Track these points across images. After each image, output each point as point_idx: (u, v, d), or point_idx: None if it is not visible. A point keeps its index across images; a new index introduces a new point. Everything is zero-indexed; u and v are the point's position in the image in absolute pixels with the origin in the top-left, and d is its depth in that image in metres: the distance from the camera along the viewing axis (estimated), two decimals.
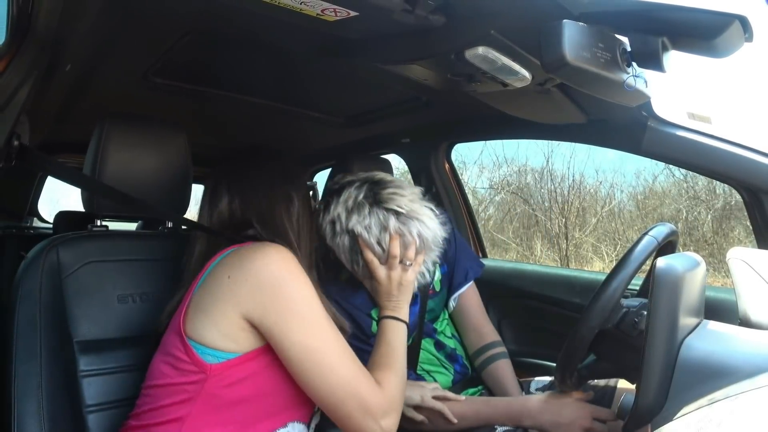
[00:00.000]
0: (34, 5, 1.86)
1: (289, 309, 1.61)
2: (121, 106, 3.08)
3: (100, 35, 2.13)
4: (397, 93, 2.92)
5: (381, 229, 2.07)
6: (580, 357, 1.76)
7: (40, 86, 2.14)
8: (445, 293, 2.69)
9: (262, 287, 1.61)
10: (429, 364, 2.55)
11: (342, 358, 1.65)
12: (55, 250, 1.92)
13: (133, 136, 2.06)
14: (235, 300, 1.62)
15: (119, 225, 2.44)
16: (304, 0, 1.60)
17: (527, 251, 12.60)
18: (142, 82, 2.73)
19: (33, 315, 1.81)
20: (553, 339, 3.13)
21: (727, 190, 10.30)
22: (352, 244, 2.15)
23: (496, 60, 1.82)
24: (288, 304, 1.61)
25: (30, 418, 1.70)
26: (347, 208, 2.14)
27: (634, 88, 1.67)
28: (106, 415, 1.84)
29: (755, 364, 1.37)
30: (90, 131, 2.05)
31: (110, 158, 1.99)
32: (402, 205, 2.11)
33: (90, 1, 1.76)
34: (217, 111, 3.41)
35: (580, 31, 1.51)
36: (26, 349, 1.77)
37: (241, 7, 1.69)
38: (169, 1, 1.85)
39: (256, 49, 2.35)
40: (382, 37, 1.92)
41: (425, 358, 2.54)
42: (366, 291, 2.38)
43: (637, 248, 1.75)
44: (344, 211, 2.14)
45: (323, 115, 3.43)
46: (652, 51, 1.55)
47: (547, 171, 12.94)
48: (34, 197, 6.46)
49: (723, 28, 1.43)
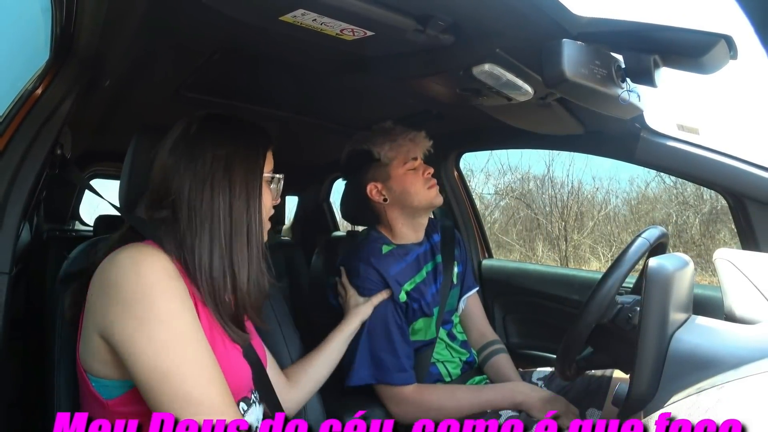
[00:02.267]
0: (75, 26, 1.88)
1: (140, 326, 1.28)
2: (155, 119, 3.07)
3: (136, 53, 2.14)
4: (410, 106, 2.92)
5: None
6: (579, 349, 1.76)
7: (81, 100, 2.15)
8: (458, 290, 2.73)
9: (113, 301, 1.31)
10: (442, 354, 2.57)
11: (212, 386, 1.32)
12: (95, 250, 1.92)
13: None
14: (92, 318, 1.36)
15: None
16: (324, 21, 1.60)
17: (530, 252, 12.57)
18: (174, 97, 2.75)
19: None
20: (553, 333, 3.17)
21: (714, 195, 10.27)
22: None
23: (501, 76, 1.82)
24: (140, 321, 1.28)
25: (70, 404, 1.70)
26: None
27: (628, 101, 1.68)
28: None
29: (739, 356, 1.37)
30: (127, 142, 2.04)
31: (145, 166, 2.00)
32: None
33: (127, 22, 1.76)
34: None
35: (579, 49, 1.52)
36: (67, 340, 1.77)
37: (265, 27, 1.70)
38: (199, 23, 1.85)
39: (280, 66, 2.35)
40: (396, 55, 1.92)
41: (439, 347, 2.56)
42: (405, 263, 2.49)
43: (631, 249, 1.75)
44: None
45: (342, 126, 3.42)
46: (644, 68, 1.55)
47: (548, 178, 12.94)
48: (76, 202, 6.46)
49: (710, 46, 1.44)
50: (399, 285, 2.43)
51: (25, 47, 2.42)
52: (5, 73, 2.42)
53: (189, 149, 1.54)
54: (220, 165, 1.53)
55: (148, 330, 1.27)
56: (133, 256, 1.36)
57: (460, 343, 2.66)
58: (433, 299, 2.51)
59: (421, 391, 2.34)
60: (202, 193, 1.49)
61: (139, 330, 1.27)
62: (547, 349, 3.28)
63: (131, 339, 1.27)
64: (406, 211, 2.57)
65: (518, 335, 3.48)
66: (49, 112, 1.91)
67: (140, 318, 1.28)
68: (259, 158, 1.64)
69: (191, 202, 1.49)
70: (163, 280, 1.34)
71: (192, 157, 1.52)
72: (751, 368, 1.18)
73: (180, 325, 1.32)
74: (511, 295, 3.49)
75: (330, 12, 1.54)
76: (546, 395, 2.24)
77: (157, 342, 1.27)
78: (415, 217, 2.60)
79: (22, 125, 1.85)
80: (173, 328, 1.30)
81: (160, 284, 1.33)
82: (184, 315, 1.35)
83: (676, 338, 1.51)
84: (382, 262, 2.45)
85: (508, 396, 2.27)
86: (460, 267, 2.75)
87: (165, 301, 1.32)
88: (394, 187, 2.52)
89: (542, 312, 3.33)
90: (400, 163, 2.52)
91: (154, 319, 1.28)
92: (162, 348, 1.27)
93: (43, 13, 1.98)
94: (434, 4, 1.55)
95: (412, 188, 2.50)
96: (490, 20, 1.60)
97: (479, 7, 1.53)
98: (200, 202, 1.49)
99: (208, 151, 1.53)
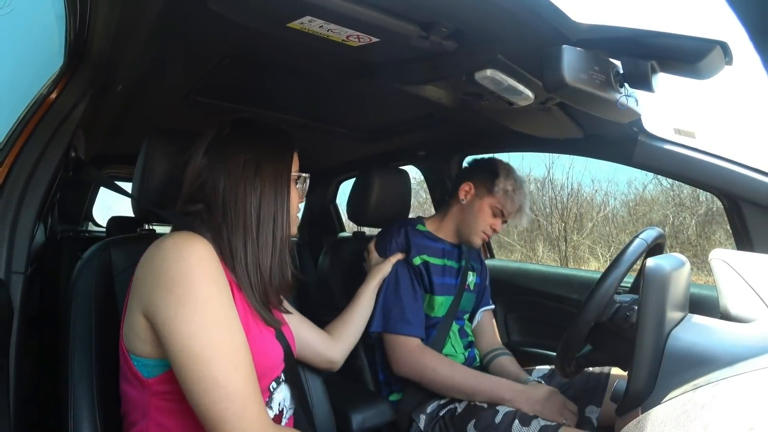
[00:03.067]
0: (88, 32, 1.89)
1: (179, 307, 1.33)
2: (166, 123, 3.10)
3: (147, 59, 2.14)
4: (414, 110, 2.94)
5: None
6: (578, 347, 1.76)
7: (94, 104, 2.16)
8: (473, 299, 2.87)
9: (158, 282, 1.36)
10: (449, 348, 2.63)
11: (238, 372, 1.35)
12: (108, 251, 1.92)
13: (177, 149, 2.06)
14: (138, 298, 1.41)
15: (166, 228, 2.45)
16: (331, 28, 1.61)
17: (530, 252, 12.54)
18: (184, 101, 2.75)
19: (87, 308, 1.81)
20: (553, 331, 3.19)
21: (710, 197, 10.24)
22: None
23: (502, 81, 1.83)
24: (180, 302, 1.33)
25: (84, 400, 1.70)
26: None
27: (626, 106, 1.68)
28: None
29: (735, 354, 1.37)
30: (139, 145, 2.05)
31: (157, 168, 1.99)
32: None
33: (138, 29, 1.77)
34: None
35: (578, 55, 1.52)
36: (81, 338, 1.76)
37: (273, 33, 1.70)
38: (209, 29, 1.86)
39: (287, 71, 2.36)
40: (401, 61, 1.92)
41: (448, 341, 2.63)
42: (431, 244, 2.75)
43: (629, 250, 1.75)
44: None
45: (348, 130, 3.44)
46: (642, 73, 1.55)
47: (548, 180, 12.91)
48: (89, 204, 6.51)
49: (706, 52, 1.44)
50: (417, 252, 2.66)
51: (39, 53, 2.43)
52: (21, 77, 2.42)
53: (222, 151, 1.63)
54: (251, 166, 1.61)
55: (185, 312, 1.32)
56: (176, 241, 1.41)
57: (467, 343, 2.74)
58: (443, 288, 2.66)
59: (423, 350, 2.45)
60: (235, 190, 1.58)
61: (178, 311, 1.33)
62: (547, 347, 3.30)
63: (170, 319, 1.33)
64: (459, 222, 2.80)
65: (519, 333, 3.49)
66: (63, 116, 1.92)
67: (180, 299, 1.33)
68: (286, 159, 1.73)
69: (225, 198, 1.58)
70: (203, 264, 1.39)
71: (225, 158, 1.61)
72: (746, 365, 1.18)
73: (215, 308, 1.37)
74: (512, 295, 3.50)
75: (336, 19, 1.55)
76: (539, 396, 2.24)
77: (191, 324, 1.32)
78: (457, 232, 2.81)
79: (36, 128, 1.87)
80: (208, 311, 1.35)
81: (200, 267, 1.38)
82: (221, 298, 1.40)
83: (673, 336, 1.51)
84: (413, 233, 2.74)
85: (497, 391, 2.30)
86: (478, 279, 2.89)
87: (203, 285, 1.37)
88: (474, 206, 2.74)
89: (543, 311, 3.34)
90: (494, 205, 2.72)
91: (192, 301, 1.33)
92: (195, 331, 1.32)
93: (57, 20, 1.98)
94: (438, 12, 1.55)
95: (475, 223, 2.73)
96: (492, 27, 1.60)
97: (482, 15, 1.53)
98: (234, 199, 1.58)
99: (241, 154, 1.62)
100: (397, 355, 2.44)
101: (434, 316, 2.63)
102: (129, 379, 1.49)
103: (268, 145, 1.70)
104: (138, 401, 1.48)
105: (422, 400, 2.47)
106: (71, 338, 1.77)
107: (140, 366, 1.44)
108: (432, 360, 2.40)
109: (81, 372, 1.73)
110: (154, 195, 1.99)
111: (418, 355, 2.41)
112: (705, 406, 1.04)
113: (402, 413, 2.44)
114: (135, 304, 1.42)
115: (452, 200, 2.85)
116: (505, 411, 2.20)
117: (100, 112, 2.76)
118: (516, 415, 2.16)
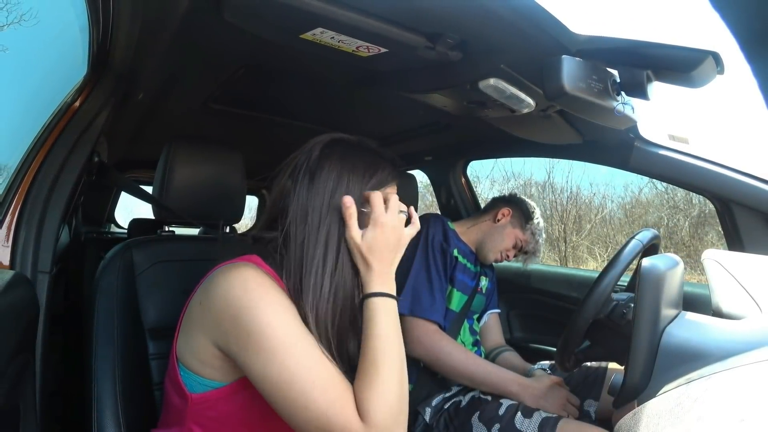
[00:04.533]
0: (111, 43, 1.90)
1: (248, 338, 1.28)
2: (185, 129, 3.11)
3: (167, 69, 2.16)
4: (421, 117, 2.94)
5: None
6: (577, 343, 1.76)
7: (116, 112, 2.17)
8: (483, 301, 2.91)
9: (224, 315, 1.32)
10: (458, 342, 2.62)
11: (315, 388, 1.27)
12: (130, 251, 1.93)
13: (195, 154, 2.06)
14: (204, 328, 1.38)
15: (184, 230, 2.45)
16: (342, 39, 1.62)
17: None
18: (202, 109, 2.76)
19: (110, 306, 1.82)
20: (553, 327, 3.20)
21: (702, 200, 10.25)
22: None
23: (505, 90, 1.83)
24: (247, 333, 1.29)
25: (107, 393, 1.71)
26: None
27: (623, 113, 1.68)
28: None
29: (726, 349, 1.37)
30: (159, 150, 2.06)
31: (176, 173, 2.01)
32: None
33: (158, 40, 1.78)
34: (267, 132, 3.44)
35: (577, 65, 1.53)
36: (104, 335, 1.77)
37: (287, 44, 1.71)
38: (225, 40, 1.87)
39: (301, 80, 2.37)
40: (408, 70, 1.93)
41: (458, 336, 2.65)
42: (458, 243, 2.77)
43: (626, 250, 1.75)
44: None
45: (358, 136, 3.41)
46: (638, 82, 1.56)
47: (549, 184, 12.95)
48: (112, 207, 6.53)
49: (698, 62, 1.45)
50: (453, 245, 2.70)
51: (64, 63, 2.44)
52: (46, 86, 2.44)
53: (308, 176, 1.49)
54: (335, 195, 1.47)
55: (255, 342, 1.28)
56: (241, 272, 1.36)
57: (474, 340, 2.76)
58: (462, 285, 2.70)
59: (441, 334, 2.44)
60: (311, 218, 1.46)
61: (249, 342, 1.28)
62: (548, 343, 3.31)
63: (243, 351, 1.29)
64: (485, 236, 2.86)
65: (521, 330, 3.50)
66: (86, 123, 1.93)
67: (248, 331, 1.28)
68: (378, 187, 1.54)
69: (303, 224, 1.46)
70: (268, 294, 1.34)
71: (309, 184, 1.48)
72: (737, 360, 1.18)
73: (283, 334, 1.30)
74: (514, 293, 3.51)
75: (347, 30, 1.56)
76: (543, 391, 2.24)
77: (263, 353, 1.27)
78: (478, 243, 2.88)
79: (61, 135, 1.88)
80: (277, 338, 1.28)
81: (265, 298, 1.32)
82: (288, 323, 1.33)
83: (667, 332, 1.51)
84: (448, 228, 2.78)
85: (504, 383, 2.29)
86: (489, 284, 2.95)
87: (269, 314, 1.30)
88: (505, 230, 2.84)
89: (544, 308, 3.36)
90: (519, 238, 2.85)
91: (260, 332, 1.28)
92: (268, 359, 1.27)
93: (81, 31, 2.00)
94: (443, 23, 1.56)
95: (501, 243, 2.84)
96: (495, 38, 1.61)
97: (485, 26, 1.54)
98: (310, 227, 1.46)
99: (324, 179, 1.49)
100: (415, 335, 2.42)
101: (450, 309, 2.64)
102: (173, 383, 1.46)
103: (356, 173, 1.53)
104: (178, 407, 1.44)
105: (429, 392, 2.47)
106: (95, 335, 1.78)
107: (187, 379, 1.42)
108: (448, 345, 2.41)
109: (104, 367, 1.75)
110: (174, 198, 2.00)
111: (436, 338, 2.41)
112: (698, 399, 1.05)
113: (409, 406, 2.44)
114: (198, 328, 1.39)
115: (485, 216, 2.90)
116: (508, 404, 2.20)
117: (122, 119, 2.78)
118: (518, 407, 2.16)
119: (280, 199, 1.51)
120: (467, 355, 2.39)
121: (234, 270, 1.37)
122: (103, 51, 1.99)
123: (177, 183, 2.02)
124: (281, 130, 3.29)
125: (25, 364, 1.59)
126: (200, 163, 2.08)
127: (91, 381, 1.73)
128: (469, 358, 2.38)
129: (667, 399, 1.15)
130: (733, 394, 1.04)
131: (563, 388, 2.29)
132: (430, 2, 1.45)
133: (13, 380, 1.42)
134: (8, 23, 2.91)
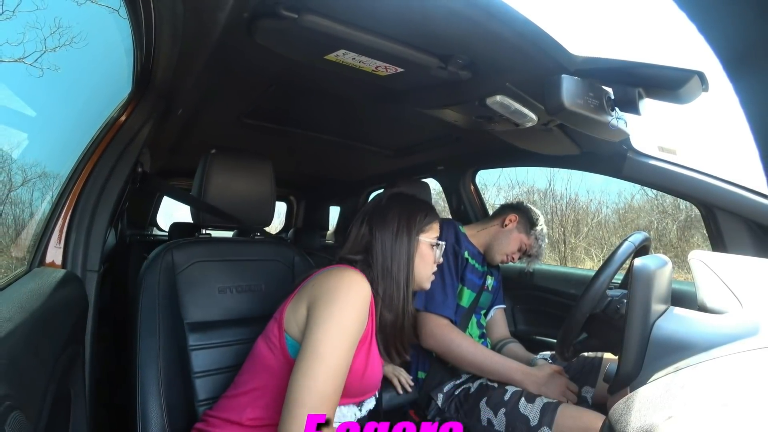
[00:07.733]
0: (153, 64, 1.92)
1: (328, 315, 1.49)
2: (220, 141, 3.13)
3: (204, 87, 2.18)
4: (434, 131, 2.97)
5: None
6: (575, 335, 1.76)
7: (158, 126, 2.19)
8: (490, 298, 2.93)
9: (327, 294, 1.54)
10: (467, 335, 2.62)
11: (328, 377, 1.43)
12: (170, 252, 1.95)
13: (229, 164, 2.08)
14: (307, 294, 1.58)
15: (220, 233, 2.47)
16: (362, 59, 1.64)
17: None
18: (236, 123, 2.79)
19: (153, 303, 1.84)
20: (554, 321, 3.20)
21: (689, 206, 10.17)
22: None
23: (510, 105, 1.85)
24: (329, 312, 1.49)
25: (151, 381, 1.73)
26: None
27: (617, 127, 1.69)
28: (209, 380, 1.85)
29: (710, 341, 1.37)
30: (197, 161, 2.08)
31: (212, 181, 2.03)
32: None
33: (196, 61, 1.80)
34: (295, 145, 3.46)
35: (575, 83, 1.53)
36: (148, 328, 1.80)
37: (313, 65, 1.72)
38: (257, 61, 1.89)
39: (325, 97, 2.39)
40: (423, 88, 1.95)
41: (467, 330, 2.66)
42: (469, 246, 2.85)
43: (619, 251, 1.75)
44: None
45: (377, 148, 3.49)
46: (630, 99, 1.57)
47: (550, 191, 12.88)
48: (154, 211, 6.55)
49: (685, 81, 1.46)
50: (464, 247, 2.75)
51: (110, 81, 2.46)
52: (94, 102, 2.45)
53: (380, 218, 1.80)
54: (403, 232, 1.79)
55: (329, 322, 1.48)
56: (352, 276, 1.58)
57: (481, 333, 2.76)
58: (470, 283, 2.72)
59: (452, 328, 2.48)
60: (389, 250, 1.77)
61: (325, 319, 1.49)
62: (549, 335, 3.31)
63: (318, 320, 1.49)
64: (492, 240, 2.88)
65: (525, 323, 3.50)
66: (131, 136, 1.96)
67: (331, 312, 1.49)
68: (427, 229, 1.86)
69: (383, 255, 1.76)
70: (361, 301, 1.55)
71: (382, 226, 1.79)
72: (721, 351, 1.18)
73: (348, 336, 1.50)
74: (518, 289, 3.50)
75: (367, 52, 1.58)
76: (544, 378, 2.26)
77: (327, 331, 1.47)
78: (486, 246, 2.90)
79: (108, 147, 1.92)
80: (342, 334, 1.48)
81: (359, 300, 1.54)
82: (356, 329, 1.52)
83: (657, 326, 1.51)
84: (460, 232, 2.82)
85: (509, 372, 2.32)
86: (495, 283, 2.96)
87: (353, 312, 1.52)
88: (511, 234, 2.87)
89: (545, 304, 3.35)
90: (524, 242, 2.87)
91: (337, 323, 1.48)
92: (327, 338, 1.46)
93: (126, 53, 2.02)
94: (455, 46, 1.58)
95: (507, 247, 2.86)
96: (502, 59, 1.62)
97: (492, 48, 1.55)
98: (388, 257, 1.76)
99: (393, 222, 1.79)
100: (428, 328, 2.45)
101: (460, 305, 2.66)
102: (273, 349, 1.61)
103: (415, 216, 1.83)
104: (275, 368, 1.59)
105: (441, 380, 2.49)
106: (139, 328, 1.81)
107: (290, 346, 1.58)
108: (458, 337, 2.43)
109: (148, 357, 1.78)
110: (211, 203, 2.02)
111: (447, 331, 2.43)
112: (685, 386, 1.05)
113: (423, 392, 2.45)
114: (304, 296, 1.59)
115: (494, 221, 2.93)
116: (513, 390, 2.22)
117: (163, 133, 2.80)
118: (522, 393, 2.17)
119: (360, 234, 1.82)
120: (476, 347, 2.40)
121: (349, 271, 1.61)
122: (146, 71, 2.01)
123: (213, 190, 2.04)
124: (308, 142, 3.32)
125: (75, 354, 1.61)
126: (234, 172, 2.10)
127: (136, 370, 1.76)
128: (477, 349, 2.39)
129: (657, 386, 1.15)
130: (717, 382, 1.04)
131: (563, 376, 2.30)
132: (442, 27, 1.46)
133: (65, 368, 1.43)
134: (60, 45, 2.93)
